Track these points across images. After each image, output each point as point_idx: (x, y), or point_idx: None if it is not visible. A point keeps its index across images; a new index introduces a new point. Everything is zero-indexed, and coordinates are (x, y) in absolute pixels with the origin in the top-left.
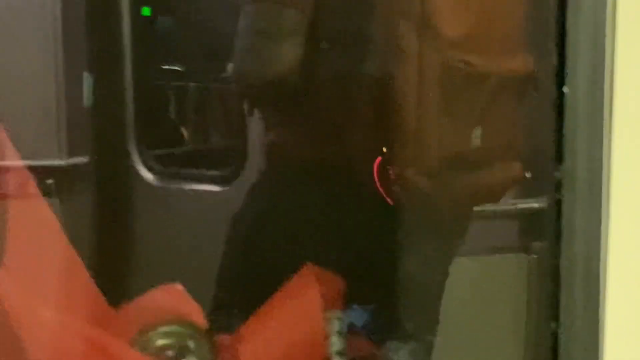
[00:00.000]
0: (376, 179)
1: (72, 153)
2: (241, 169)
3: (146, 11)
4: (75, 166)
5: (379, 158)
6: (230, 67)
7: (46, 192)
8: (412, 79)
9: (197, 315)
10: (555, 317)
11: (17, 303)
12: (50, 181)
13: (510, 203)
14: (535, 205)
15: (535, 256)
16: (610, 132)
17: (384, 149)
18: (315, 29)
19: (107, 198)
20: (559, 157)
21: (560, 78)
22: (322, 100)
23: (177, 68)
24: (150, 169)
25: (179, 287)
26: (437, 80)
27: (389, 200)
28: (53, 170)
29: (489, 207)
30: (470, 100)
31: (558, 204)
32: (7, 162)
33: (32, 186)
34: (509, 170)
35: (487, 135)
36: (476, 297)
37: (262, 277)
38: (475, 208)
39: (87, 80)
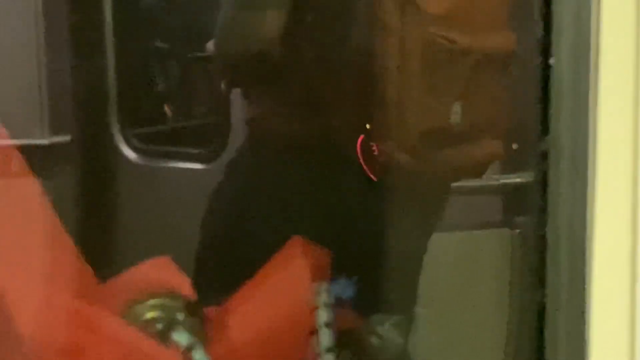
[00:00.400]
0: (359, 155)
1: (54, 132)
2: (224, 147)
3: None
4: (57, 145)
5: (362, 135)
6: (211, 42)
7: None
8: (394, 54)
9: (186, 288)
10: (542, 287)
11: (3, 276)
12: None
13: (493, 178)
14: (519, 180)
15: (518, 231)
16: (595, 103)
17: (367, 125)
18: (297, 2)
19: (90, 177)
20: (544, 129)
21: (545, 50)
22: (304, 74)
23: (159, 45)
24: (132, 148)
25: (167, 259)
26: (418, 56)
27: (371, 176)
28: (36, 149)
29: (472, 182)
30: (452, 77)
31: (544, 175)
32: None
33: (19, 163)
34: (490, 146)
35: (469, 111)
36: (461, 271)
37: (247, 251)
38: (459, 183)
39: None
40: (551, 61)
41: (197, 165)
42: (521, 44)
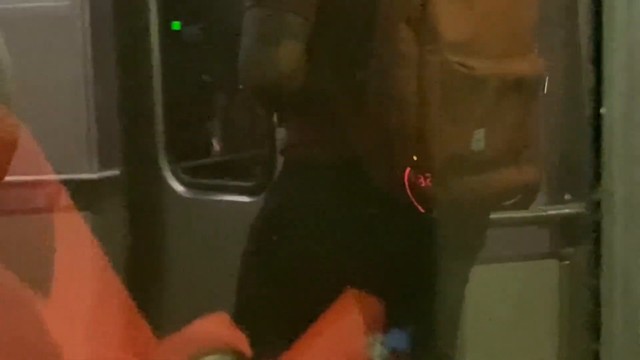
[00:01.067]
0: (407, 188)
1: (103, 166)
2: (270, 179)
3: (176, 25)
4: (106, 179)
5: (408, 168)
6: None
7: (78, 206)
8: (412, 82)
9: (243, 345)
10: (596, 337)
11: (59, 332)
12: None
13: (541, 209)
14: (567, 211)
15: (567, 262)
16: None
17: (414, 157)
18: (315, 32)
19: (138, 210)
20: (597, 178)
21: (598, 98)
22: (325, 103)
23: (206, 79)
24: (180, 181)
25: (224, 315)
26: (437, 83)
27: (420, 208)
28: (85, 183)
29: (520, 214)
30: (472, 104)
31: (597, 225)
32: (41, 176)
33: (65, 199)
34: (522, 173)
35: (492, 137)
36: (510, 302)
37: (297, 294)
38: (508, 214)
39: None
40: (602, 110)
41: (244, 199)
42: (548, 70)
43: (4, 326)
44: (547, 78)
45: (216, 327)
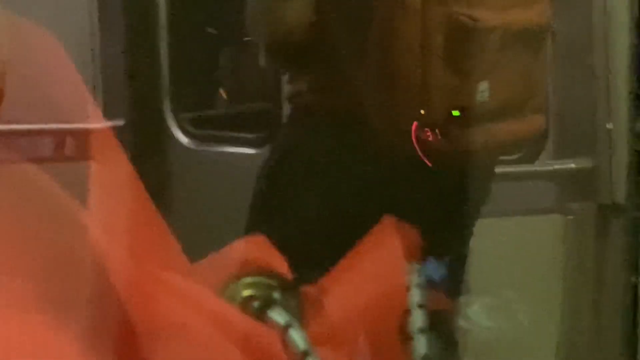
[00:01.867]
0: (414, 142)
1: (107, 116)
2: (276, 131)
3: None
4: (111, 129)
5: (415, 123)
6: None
7: (83, 155)
8: (416, 34)
9: (282, 267)
10: (636, 270)
11: (103, 245)
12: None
13: (547, 163)
14: (573, 166)
15: (571, 217)
16: None
17: (422, 111)
18: None
19: (142, 161)
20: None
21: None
22: (332, 55)
23: (212, 30)
24: (185, 132)
25: (262, 238)
26: (441, 35)
27: (427, 162)
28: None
29: (526, 167)
30: (477, 55)
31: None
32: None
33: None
34: (529, 122)
35: (498, 88)
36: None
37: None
38: (514, 168)
39: None
40: None
41: (250, 150)
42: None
43: (48, 233)
44: (553, 28)
45: (254, 249)
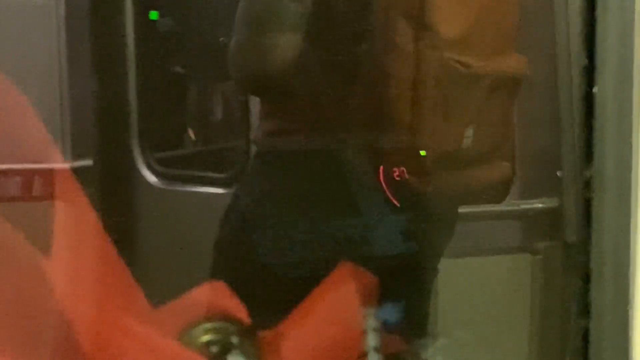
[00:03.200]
0: (382, 181)
1: (76, 156)
2: (243, 171)
3: (154, 15)
4: (79, 169)
5: (381, 159)
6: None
7: (51, 195)
8: (408, 78)
9: (240, 312)
10: (585, 314)
11: (62, 290)
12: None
13: (514, 204)
14: (540, 205)
15: (540, 256)
16: (639, 131)
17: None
18: (310, 23)
19: (111, 200)
20: (588, 156)
21: (589, 78)
22: (317, 94)
23: (179, 70)
24: (153, 171)
25: (221, 284)
26: (432, 79)
27: (394, 201)
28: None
29: (494, 207)
30: (465, 101)
31: (587, 202)
32: (13, 165)
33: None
34: (500, 169)
35: (480, 135)
36: (483, 296)
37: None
38: (482, 208)
39: None
40: (594, 89)
41: (218, 190)
42: (529, 69)
43: (10, 281)
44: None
45: (213, 295)
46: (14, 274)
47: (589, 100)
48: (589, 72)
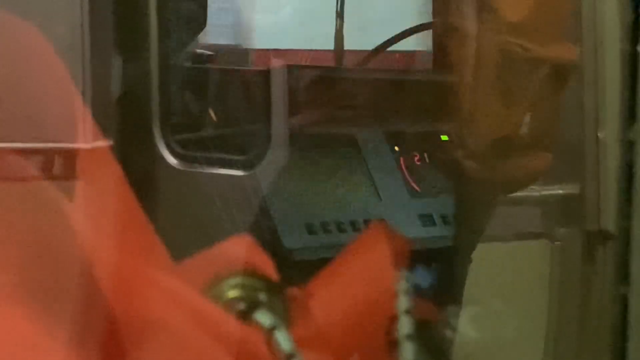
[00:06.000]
0: (402, 166)
1: (96, 137)
2: (264, 153)
3: None
4: (99, 149)
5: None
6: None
7: (71, 175)
8: (469, 60)
9: (269, 268)
10: (626, 281)
11: (84, 235)
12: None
13: (534, 189)
14: (561, 192)
15: (559, 243)
16: None
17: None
18: None
19: (131, 182)
20: (631, 116)
21: (636, 35)
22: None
23: (203, 51)
24: (173, 153)
25: (248, 238)
26: (494, 63)
27: (414, 186)
28: (77, 153)
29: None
30: (525, 86)
31: (630, 165)
32: (33, 144)
33: (58, 168)
34: (543, 160)
35: (535, 121)
36: (501, 282)
37: None
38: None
39: None
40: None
41: (238, 172)
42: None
43: (35, 224)
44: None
45: (240, 250)
46: (34, 214)
47: (634, 58)
48: (636, 30)
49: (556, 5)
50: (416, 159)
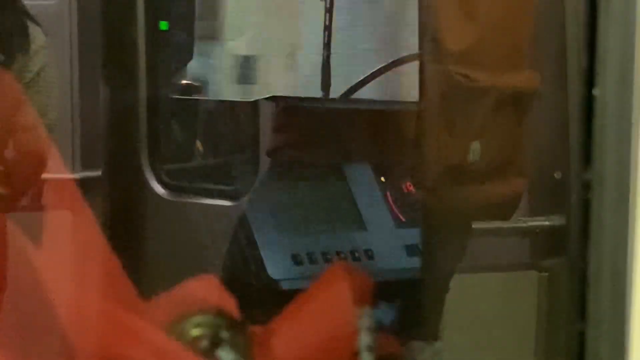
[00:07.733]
0: (388, 196)
1: (84, 166)
2: (252, 184)
3: (164, 25)
4: (88, 179)
5: (389, 175)
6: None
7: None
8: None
9: (231, 307)
10: (582, 317)
11: (49, 279)
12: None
13: (521, 220)
14: (547, 223)
15: (546, 274)
16: (638, 133)
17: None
18: None
19: (119, 211)
20: (587, 158)
21: (588, 81)
22: (329, 109)
23: (190, 82)
24: (162, 183)
25: (212, 278)
26: (437, 92)
27: (400, 216)
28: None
29: (501, 224)
30: (471, 115)
31: (586, 205)
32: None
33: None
34: (511, 185)
35: (488, 150)
36: (489, 312)
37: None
38: (488, 225)
39: None
40: (595, 92)
41: (226, 202)
42: (542, 86)
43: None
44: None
45: (204, 289)
46: (6, 262)
47: (589, 102)
48: (590, 75)
49: (506, 34)
50: (403, 188)
